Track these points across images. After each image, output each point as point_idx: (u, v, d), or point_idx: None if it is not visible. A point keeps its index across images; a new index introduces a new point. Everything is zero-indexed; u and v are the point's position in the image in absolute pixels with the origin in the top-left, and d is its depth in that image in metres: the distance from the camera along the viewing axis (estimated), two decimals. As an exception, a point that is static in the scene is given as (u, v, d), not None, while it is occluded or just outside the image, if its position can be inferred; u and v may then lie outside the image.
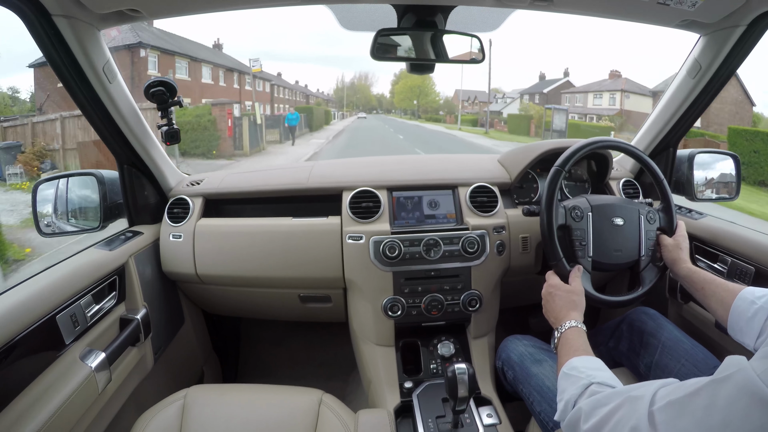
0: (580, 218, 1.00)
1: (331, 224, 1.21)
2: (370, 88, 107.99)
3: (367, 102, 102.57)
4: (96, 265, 1.00)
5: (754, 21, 0.95)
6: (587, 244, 0.99)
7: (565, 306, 0.88)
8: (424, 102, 69.72)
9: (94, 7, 0.86)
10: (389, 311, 1.16)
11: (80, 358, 0.88)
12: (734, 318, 0.79)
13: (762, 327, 0.73)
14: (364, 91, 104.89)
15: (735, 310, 0.79)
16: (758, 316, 0.74)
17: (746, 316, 0.76)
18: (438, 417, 1.02)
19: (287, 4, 1.01)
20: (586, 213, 1.00)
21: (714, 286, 0.87)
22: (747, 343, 0.76)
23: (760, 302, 0.75)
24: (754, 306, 0.76)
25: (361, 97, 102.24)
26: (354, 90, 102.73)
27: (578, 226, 0.99)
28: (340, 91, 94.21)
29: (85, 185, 1.20)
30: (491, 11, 1.06)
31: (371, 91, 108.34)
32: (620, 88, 26.52)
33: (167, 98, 1.12)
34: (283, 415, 0.88)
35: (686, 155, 1.35)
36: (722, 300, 0.83)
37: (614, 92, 27.10)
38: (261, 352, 1.81)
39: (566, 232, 1.00)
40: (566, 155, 1.01)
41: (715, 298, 0.85)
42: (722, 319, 0.83)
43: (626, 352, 1.05)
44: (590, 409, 0.60)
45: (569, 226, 0.99)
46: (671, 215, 1.03)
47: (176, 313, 1.36)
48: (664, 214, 1.04)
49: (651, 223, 1.02)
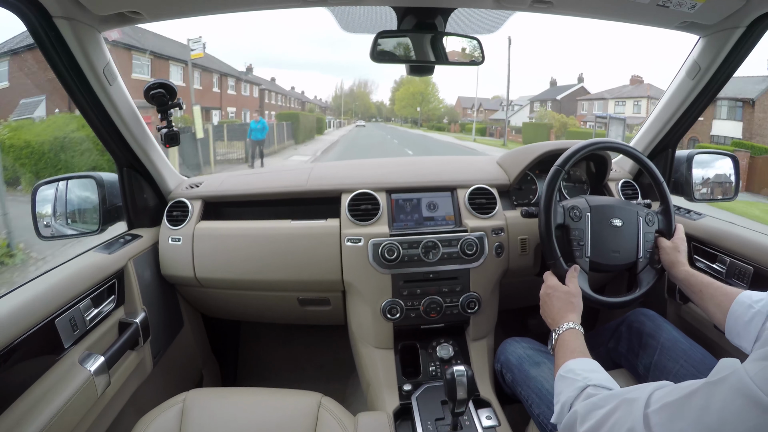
0: (579, 218, 1.00)
1: (329, 227, 1.21)
2: (369, 96, 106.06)
3: (366, 110, 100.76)
4: (95, 269, 1.00)
5: (754, 22, 0.95)
6: (585, 244, 0.99)
7: (563, 308, 0.88)
8: (426, 109, 67.13)
9: (95, 9, 0.86)
10: (388, 314, 1.16)
11: (79, 362, 0.88)
12: (732, 322, 0.79)
13: (759, 331, 0.73)
14: (364, 98, 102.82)
15: (732, 314, 0.79)
16: (755, 320, 0.75)
17: (744, 320, 0.77)
18: (437, 419, 1.02)
19: (287, 7, 1.01)
20: (585, 213, 1.00)
21: (712, 289, 0.87)
22: (744, 346, 0.76)
23: (758, 306, 0.76)
24: (752, 310, 0.76)
25: (361, 105, 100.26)
26: (353, 97, 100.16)
27: (576, 226, 0.99)
28: (338, 98, 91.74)
29: (85, 188, 1.20)
30: (491, 13, 1.06)
31: (371, 98, 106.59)
32: (646, 95, 24.92)
33: (167, 100, 1.11)
34: (282, 418, 0.88)
35: (685, 156, 1.35)
36: (720, 304, 0.83)
37: (639, 99, 25.43)
38: (260, 355, 1.80)
39: (564, 231, 1.00)
40: (566, 155, 1.01)
41: (713, 301, 0.85)
42: (720, 322, 0.83)
43: (625, 353, 1.05)
44: (586, 412, 0.61)
45: (567, 225, 0.99)
46: (670, 218, 1.03)
47: (175, 317, 1.36)
48: (663, 216, 1.04)
49: (649, 225, 1.02)
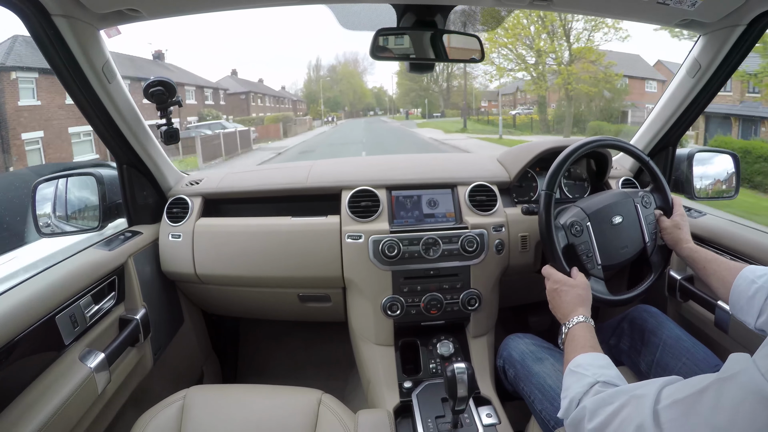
0: (581, 233, 0.99)
1: (330, 223, 1.21)
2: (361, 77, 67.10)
3: (359, 99, 65.19)
4: (95, 266, 1.00)
5: (754, 20, 0.95)
6: (593, 254, 0.99)
7: (572, 301, 0.87)
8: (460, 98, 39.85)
9: (94, 7, 0.86)
10: (388, 310, 1.16)
11: (80, 358, 0.88)
12: (735, 297, 0.80)
13: (762, 306, 0.74)
14: (352, 79, 64.09)
15: (736, 289, 0.80)
16: (758, 295, 0.75)
17: (747, 295, 0.77)
18: (437, 417, 1.02)
19: (287, 4, 1.01)
20: (585, 224, 1.00)
21: (716, 264, 0.87)
22: (748, 321, 0.77)
23: (761, 281, 0.76)
24: (755, 285, 0.76)
25: (348, 90, 62.44)
26: (335, 79, 62.10)
27: (581, 241, 0.99)
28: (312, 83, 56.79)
29: (84, 185, 1.20)
30: (491, 10, 1.06)
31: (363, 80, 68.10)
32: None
33: (166, 98, 1.11)
34: (282, 416, 0.88)
35: (685, 154, 1.35)
36: (723, 279, 0.83)
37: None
38: (260, 351, 1.81)
39: (571, 249, 0.99)
40: (565, 155, 1.00)
41: (717, 276, 0.86)
42: (724, 297, 0.83)
43: (627, 350, 1.05)
44: (594, 408, 0.60)
45: (572, 243, 0.99)
46: (664, 193, 1.04)
47: (176, 314, 1.36)
48: (657, 194, 1.05)
49: (647, 207, 1.03)
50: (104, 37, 0.98)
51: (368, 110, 65.89)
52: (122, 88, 1.06)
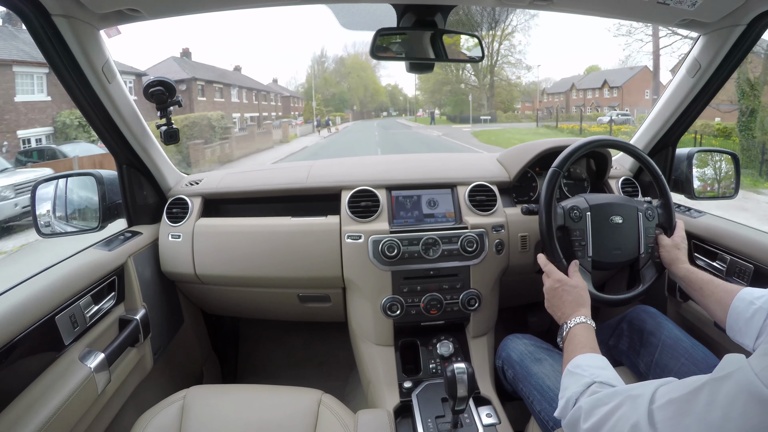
0: (579, 218, 1.00)
1: (329, 224, 1.21)
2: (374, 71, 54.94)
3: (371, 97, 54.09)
4: (95, 266, 1.00)
5: (754, 20, 0.95)
6: (586, 244, 0.99)
7: (573, 301, 0.87)
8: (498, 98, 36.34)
9: (94, 7, 0.86)
10: (388, 311, 1.16)
11: (79, 358, 0.88)
12: (733, 318, 0.79)
13: (761, 327, 0.73)
14: (362, 73, 52.40)
15: (733, 311, 0.79)
16: (757, 317, 0.74)
17: (745, 316, 0.76)
18: (437, 417, 1.02)
19: (287, 4, 1.01)
20: (585, 213, 1.00)
21: (712, 286, 0.86)
22: (746, 344, 0.76)
23: (759, 303, 0.75)
24: (753, 306, 0.75)
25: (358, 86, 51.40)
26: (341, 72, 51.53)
27: (577, 227, 0.99)
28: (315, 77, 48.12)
29: (84, 185, 1.20)
30: (491, 10, 1.06)
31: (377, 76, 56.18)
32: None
33: (166, 98, 1.12)
34: (282, 416, 0.88)
35: (685, 154, 1.35)
36: (720, 300, 0.83)
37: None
38: (260, 352, 1.81)
39: (565, 232, 1.00)
40: (564, 155, 1.01)
41: (714, 298, 0.85)
42: (721, 319, 0.82)
43: (626, 350, 1.05)
44: (590, 408, 0.61)
45: (568, 227, 0.99)
46: (670, 212, 1.04)
47: (175, 314, 1.36)
48: (663, 210, 1.04)
49: (650, 220, 1.03)
50: (104, 37, 0.98)
51: (381, 110, 56.85)
52: (122, 88, 1.06)
